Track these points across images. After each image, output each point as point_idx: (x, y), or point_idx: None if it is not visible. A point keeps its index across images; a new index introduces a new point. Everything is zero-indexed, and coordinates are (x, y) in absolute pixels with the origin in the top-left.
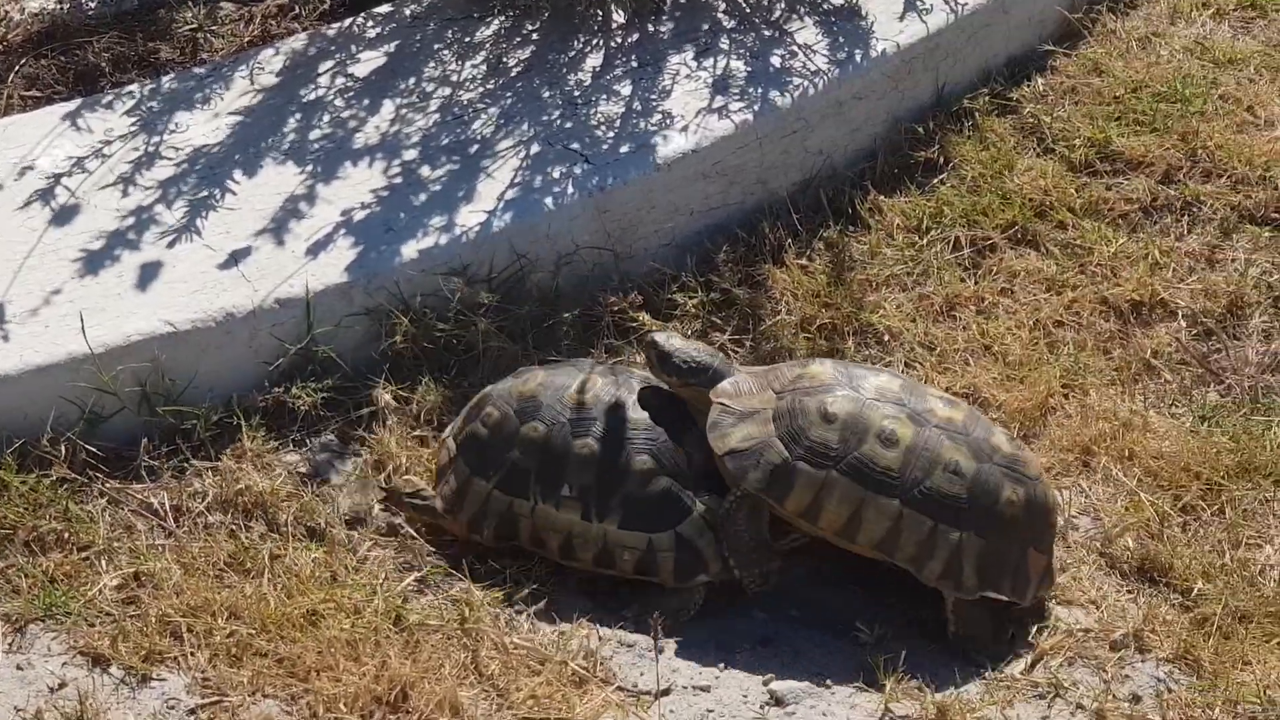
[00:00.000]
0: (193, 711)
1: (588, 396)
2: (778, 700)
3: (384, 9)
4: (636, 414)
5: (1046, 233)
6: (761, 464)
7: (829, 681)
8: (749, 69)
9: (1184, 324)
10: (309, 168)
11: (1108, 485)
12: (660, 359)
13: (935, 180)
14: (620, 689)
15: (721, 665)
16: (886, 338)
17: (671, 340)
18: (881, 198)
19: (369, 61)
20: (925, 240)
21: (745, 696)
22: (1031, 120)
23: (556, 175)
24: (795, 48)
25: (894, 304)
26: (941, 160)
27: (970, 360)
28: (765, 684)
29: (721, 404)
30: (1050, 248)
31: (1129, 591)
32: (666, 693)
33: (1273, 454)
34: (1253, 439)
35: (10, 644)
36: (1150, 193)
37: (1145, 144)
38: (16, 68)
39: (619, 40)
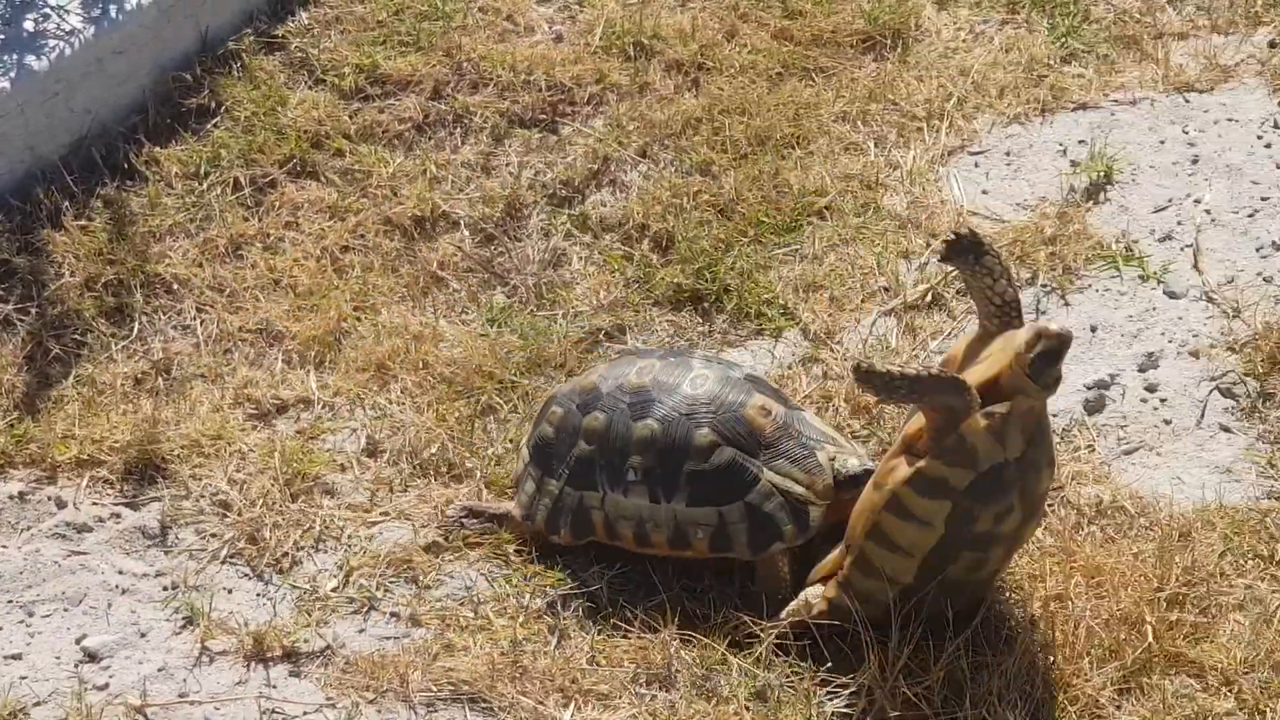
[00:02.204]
0: None
1: (646, 380)
2: (92, 656)
3: None
4: (695, 389)
5: (325, 162)
6: None
7: (144, 631)
8: (1, 36)
9: (466, 233)
10: None
11: (405, 398)
12: None
13: (209, 125)
14: None
15: (29, 630)
16: (175, 285)
17: None
18: (156, 149)
19: None
20: (205, 185)
21: (58, 658)
22: (300, 54)
23: None
24: (49, 9)
25: (180, 252)
26: (213, 105)
27: (261, 296)
28: (78, 642)
29: None
30: (330, 176)
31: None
32: None
33: (559, 345)
34: (540, 334)
35: None
36: (422, 110)
37: (412, 64)
38: None
39: None
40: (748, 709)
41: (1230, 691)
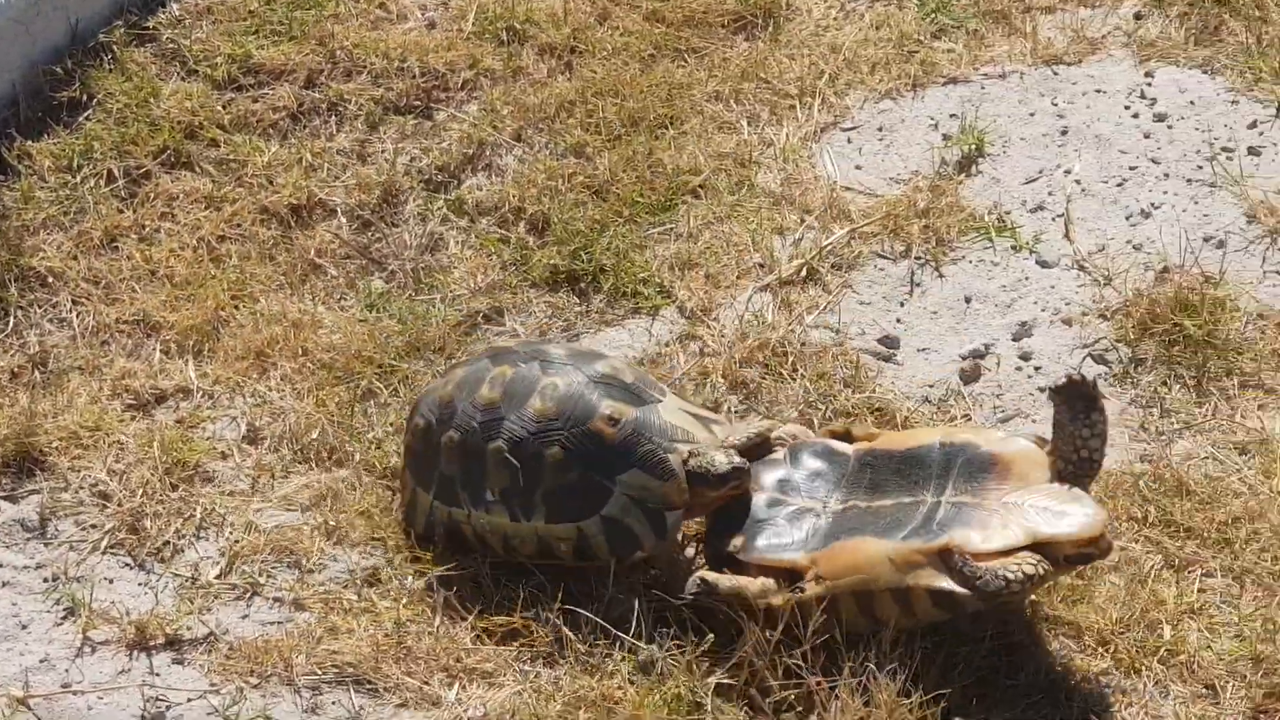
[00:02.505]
0: None
1: (497, 394)
2: None
3: None
4: (544, 403)
5: (200, 152)
6: None
7: (24, 623)
8: None
9: (343, 220)
10: None
11: (285, 385)
12: None
13: (81, 118)
14: None
15: None
16: (50, 279)
17: None
18: (28, 143)
19: None
20: (78, 178)
21: None
22: (171, 45)
23: None
24: None
25: (54, 245)
26: (85, 97)
27: (137, 287)
28: None
29: None
30: (205, 166)
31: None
32: None
33: (437, 329)
34: (418, 318)
35: None
36: (296, 99)
37: (285, 53)
38: None
39: None
40: (631, 682)
41: (1106, 651)
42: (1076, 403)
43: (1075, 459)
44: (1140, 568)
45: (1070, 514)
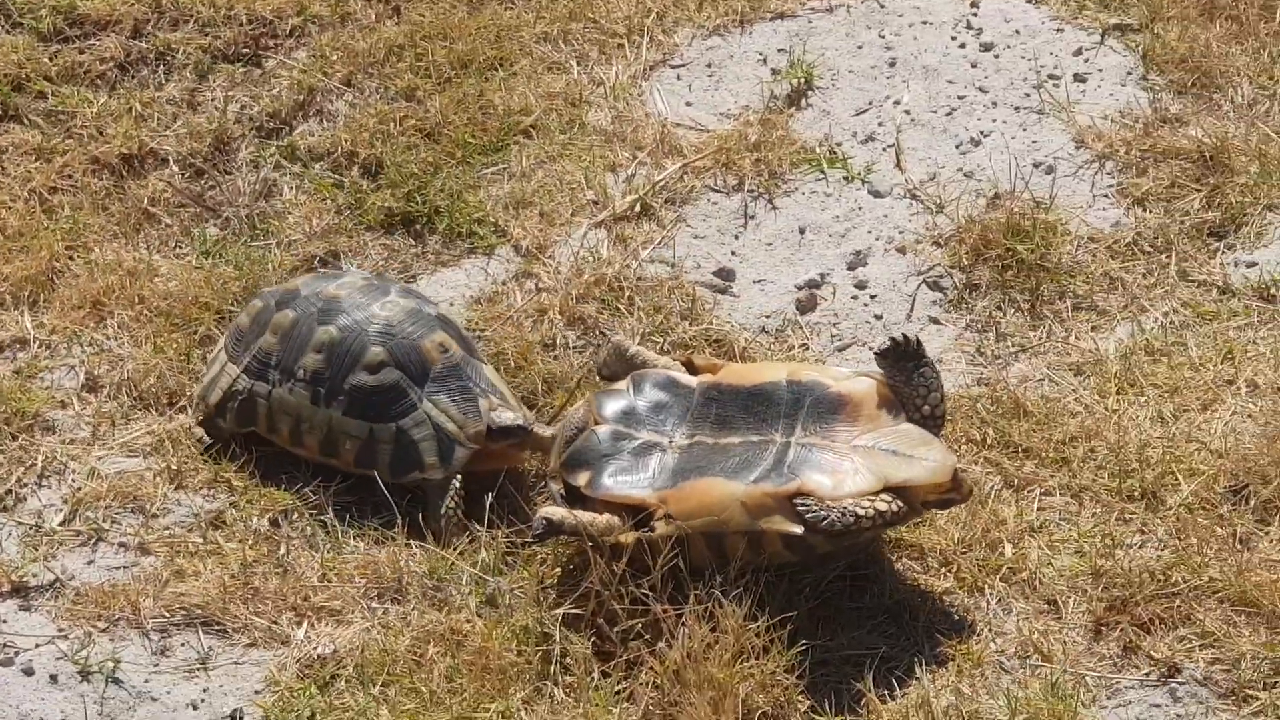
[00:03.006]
0: None
1: (343, 294)
2: None
3: None
4: (384, 311)
5: (27, 104)
6: None
7: None
8: None
9: (176, 168)
10: None
11: (122, 333)
12: None
13: None
14: None
15: None
16: None
17: None
18: None
19: None
20: None
21: None
22: None
23: None
24: None
25: None
26: None
27: None
28: None
29: None
30: (33, 118)
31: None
32: None
33: (274, 273)
34: (255, 263)
35: None
36: (123, 49)
37: (110, 3)
38: None
39: None
40: (479, 615)
41: (949, 571)
42: (904, 363)
43: (919, 416)
44: (980, 489)
45: (920, 458)
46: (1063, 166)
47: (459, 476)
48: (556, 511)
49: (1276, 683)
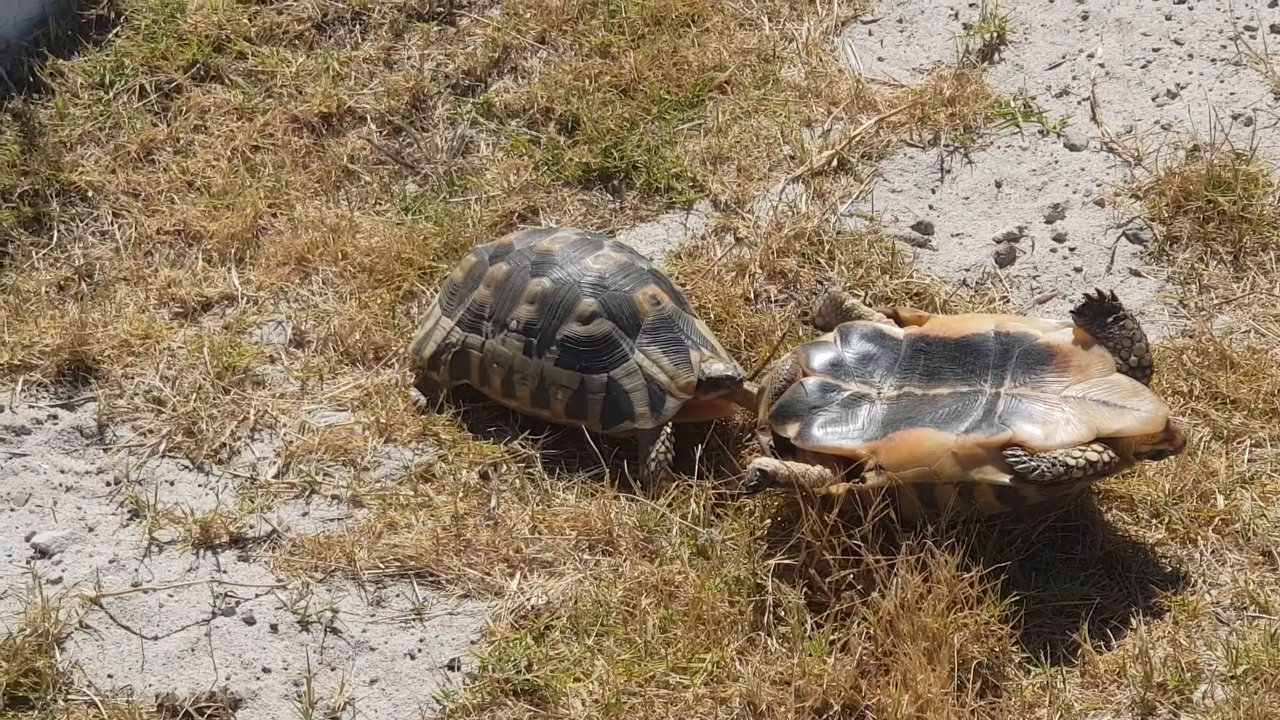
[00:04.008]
0: None
1: (556, 248)
2: (43, 552)
3: None
4: (597, 264)
5: (228, 65)
6: None
7: (91, 526)
8: None
9: (374, 126)
10: None
11: (326, 289)
12: None
13: (110, 35)
14: None
15: None
16: (90, 193)
17: None
18: (60, 61)
19: None
20: (111, 94)
21: (9, 556)
22: None
23: None
24: None
25: (92, 159)
26: (113, 15)
27: (176, 199)
28: (28, 539)
29: None
30: (235, 79)
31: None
32: None
33: (474, 229)
34: (454, 219)
35: None
36: (320, 9)
37: None
38: None
39: None
40: (691, 567)
41: (1160, 523)
42: (1102, 318)
43: (1126, 367)
44: (1189, 440)
45: (1132, 409)
46: (1262, 118)
47: (670, 426)
48: (770, 462)
49: None
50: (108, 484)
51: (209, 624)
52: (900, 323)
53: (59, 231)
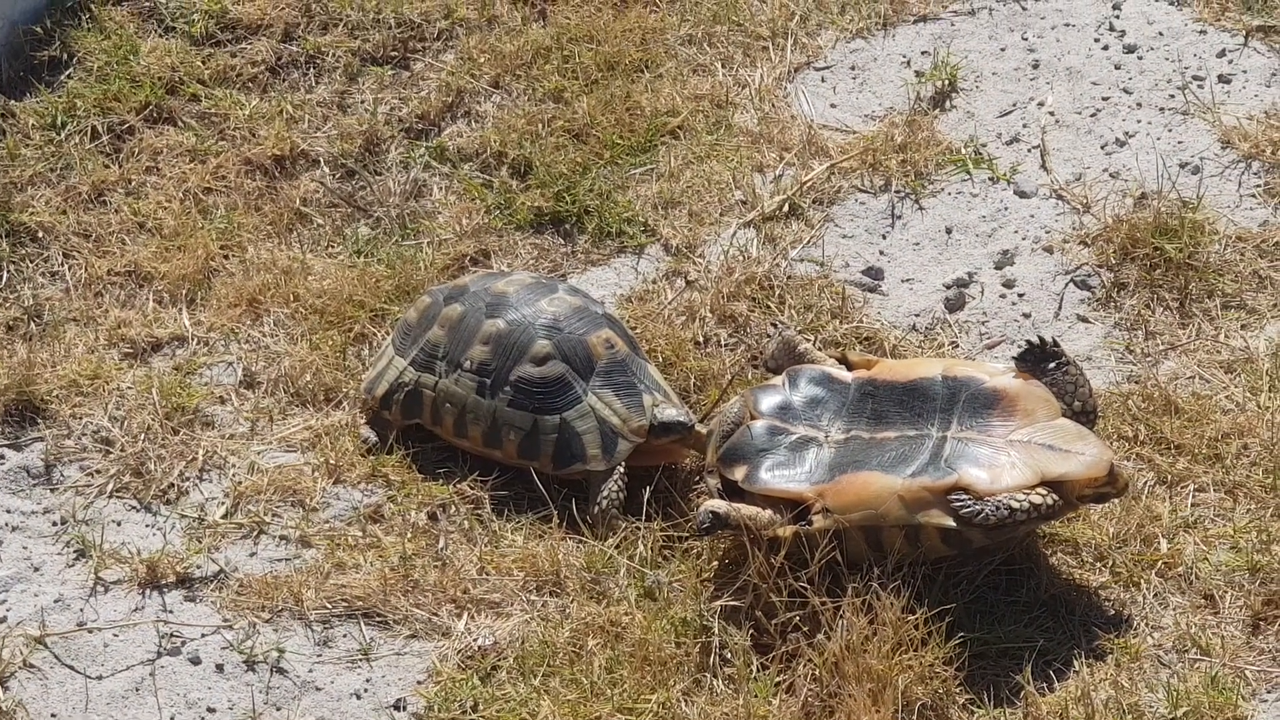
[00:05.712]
0: None
1: (511, 290)
2: None
3: None
4: (551, 307)
5: (181, 107)
6: None
7: (37, 565)
8: None
9: (327, 169)
10: None
11: (278, 330)
12: None
13: (63, 76)
14: None
15: None
16: (40, 234)
17: None
18: (12, 102)
19: None
20: (63, 135)
21: None
22: (148, 3)
23: None
24: None
25: (42, 200)
26: (65, 56)
27: (127, 240)
28: None
29: None
30: (188, 121)
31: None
32: None
33: (426, 272)
34: (406, 262)
35: None
36: (274, 52)
37: (261, 8)
38: None
39: None
40: (638, 608)
41: (1104, 566)
42: (1043, 363)
43: (1070, 412)
44: (1134, 485)
45: (1076, 453)
46: (1209, 166)
47: (622, 468)
48: (722, 505)
49: None
50: (54, 524)
51: (154, 664)
52: (849, 366)
53: (8, 272)
